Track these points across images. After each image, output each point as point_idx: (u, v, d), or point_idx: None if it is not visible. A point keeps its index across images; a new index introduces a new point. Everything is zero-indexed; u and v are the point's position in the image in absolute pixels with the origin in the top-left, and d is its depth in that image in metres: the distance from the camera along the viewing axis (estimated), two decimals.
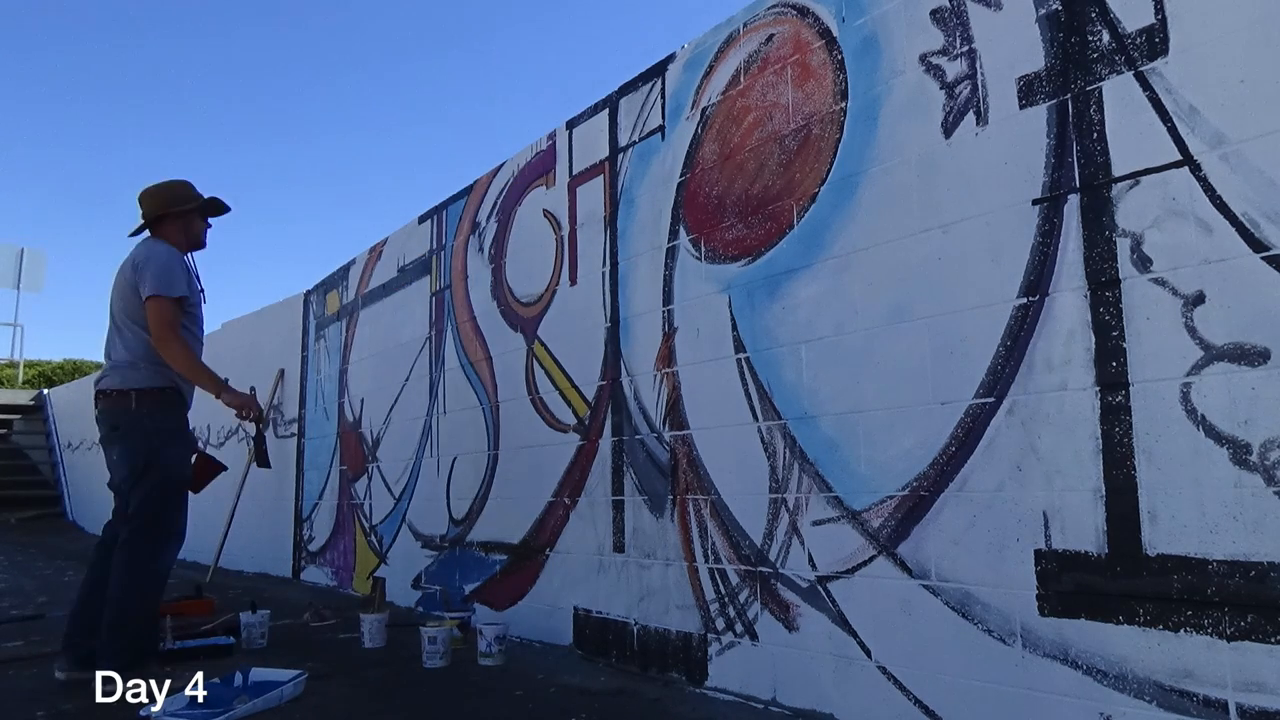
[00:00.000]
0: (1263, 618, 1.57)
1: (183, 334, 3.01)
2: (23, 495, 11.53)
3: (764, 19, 2.72)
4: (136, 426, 2.93)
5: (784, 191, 2.57)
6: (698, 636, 2.70)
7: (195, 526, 7.40)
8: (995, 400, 1.99)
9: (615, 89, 3.34)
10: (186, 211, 3.13)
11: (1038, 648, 1.87)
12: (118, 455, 2.95)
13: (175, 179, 3.19)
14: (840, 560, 2.30)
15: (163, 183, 3.15)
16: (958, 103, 2.13)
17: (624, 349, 3.13)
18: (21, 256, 15.46)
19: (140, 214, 3.13)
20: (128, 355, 2.98)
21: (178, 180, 3.18)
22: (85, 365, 16.00)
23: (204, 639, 3.38)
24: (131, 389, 2.95)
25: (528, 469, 3.59)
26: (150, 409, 2.96)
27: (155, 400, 2.97)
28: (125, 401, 2.95)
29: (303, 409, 5.87)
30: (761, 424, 2.56)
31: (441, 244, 4.46)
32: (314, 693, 2.73)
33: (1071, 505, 1.84)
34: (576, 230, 3.46)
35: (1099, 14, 1.89)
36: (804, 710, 2.35)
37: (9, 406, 13.11)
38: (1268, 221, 1.62)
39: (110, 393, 2.98)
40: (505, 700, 2.63)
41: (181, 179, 3.20)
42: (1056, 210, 1.92)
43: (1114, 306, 1.81)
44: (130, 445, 2.93)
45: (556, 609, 3.34)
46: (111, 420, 2.98)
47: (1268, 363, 1.60)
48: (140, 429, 2.93)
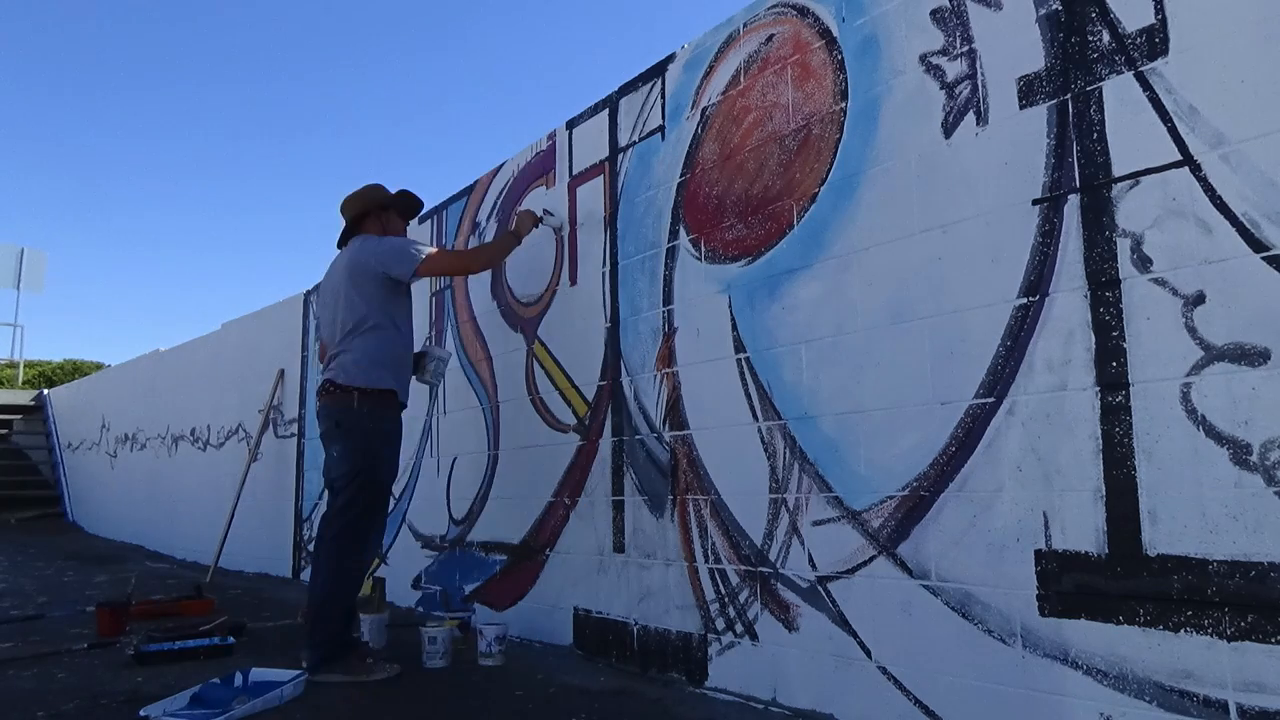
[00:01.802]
0: (1263, 618, 1.56)
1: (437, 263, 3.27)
2: (23, 495, 11.53)
3: (764, 19, 2.72)
4: (357, 426, 3.02)
5: (784, 191, 2.57)
6: (698, 636, 2.70)
7: (195, 526, 7.37)
8: (995, 400, 1.99)
9: (615, 89, 3.34)
10: (385, 209, 3.28)
11: (1038, 648, 1.87)
12: (338, 452, 3.05)
13: (370, 183, 3.34)
14: (840, 560, 2.29)
15: (359, 189, 3.31)
16: (958, 103, 2.13)
17: (624, 349, 3.13)
18: (21, 256, 15.47)
19: (344, 223, 3.29)
20: (356, 356, 3.05)
21: (371, 184, 3.34)
22: (85, 365, 16.01)
23: (204, 639, 3.38)
24: (355, 387, 3.02)
25: (528, 469, 3.59)
26: (373, 408, 3.04)
27: (375, 401, 3.04)
28: (348, 399, 3.02)
29: (303, 409, 5.86)
30: (761, 424, 2.56)
31: (441, 244, 4.45)
32: (314, 693, 2.73)
33: (1072, 505, 1.84)
34: (576, 230, 3.46)
35: (1099, 14, 1.89)
36: (804, 710, 2.35)
37: (9, 406, 13.11)
38: (1268, 221, 1.62)
39: (334, 388, 3.05)
40: (505, 700, 2.63)
41: (374, 183, 3.35)
42: (1056, 210, 1.92)
43: (1114, 306, 1.81)
44: (350, 444, 3.01)
45: (556, 609, 3.34)
46: (335, 416, 3.05)
47: (1268, 363, 1.60)
48: (361, 429, 3.02)
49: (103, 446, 10.12)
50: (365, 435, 3.02)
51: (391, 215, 3.30)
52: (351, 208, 3.27)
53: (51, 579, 5.88)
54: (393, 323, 3.12)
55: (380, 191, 3.31)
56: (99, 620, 3.80)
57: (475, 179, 4.23)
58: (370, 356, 3.04)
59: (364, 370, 3.03)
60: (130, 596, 4.08)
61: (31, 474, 12.37)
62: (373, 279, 3.07)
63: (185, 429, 7.74)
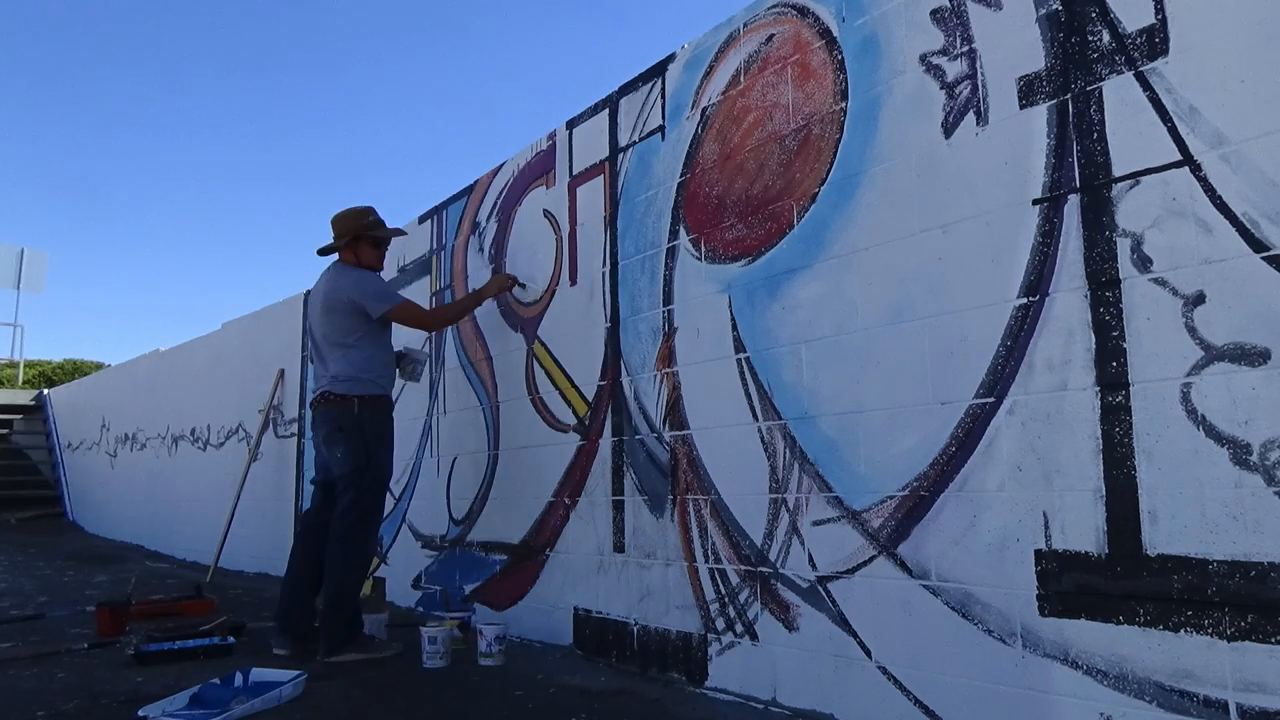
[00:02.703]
0: (1263, 618, 1.56)
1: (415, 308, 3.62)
2: (23, 495, 11.53)
3: (764, 19, 2.72)
4: (358, 429, 3.35)
5: (784, 191, 2.57)
6: (698, 636, 2.70)
7: (195, 526, 7.37)
8: (995, 400, 1.99)
9: (615, 89, 3.34)
10: (359, 240, 3.55)
11: (1038, 648, 1.87)
12: (341, 454, 3.36)
13: (362, 205, 3.63)
14: (840, 560, 2.29)
15: (351, 211, 3.58)
16: (958, 103, 2.13)
17: (624, 349, 3.13)
18: (22, 257, 15.44)
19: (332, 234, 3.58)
20: (349, 369, 3.38)
21: (365, 206, 3.62)
22: (85, 365, 16.00)
23: (204, 639, 3.38)
24: (355, 395, 3.36)
25: (528, 469, 3.59)
26: (370, 414, 3.39)
27: (374, 407, 3.42)
28: (349, 406, 3.36)
29: (302, 409, 5.86)
30: (761, 424, 2.56)
31: (441, 244, 4.46)
32: (314, 693, 2.73)
33: (1072, 505, 1.84)
34: (576, 230, 3.46)
35: (1099, 14, 1.89)
36: (804, 710, 2.35)
37: (9, 406, 13.10)
38: (1268, 221, 1.62)
39: (333, 397, 3.37)
40: (505, 700, 2.63)
41: (367, 205, 3.64)
42: (1057, 210, 1.92)
43: (1114, 306, 1.81)
44: (353, 445, 3.33)
45: (556, 609, 3.34)
46: (337, 422, 3.37)
47: (1268, 363, 1.60)
48: (362, 432, 3.35)
49: (103, 446, 10.12)
50: (365, 437, 3.36)
51: (365, 245, 3.57)
52: (337, 229, 3.57)
53: (51, 579, 5.88)
54: (372, 340, 3.46)
55: (363, 220, 3.57)
56: (99, 620, 3.80)
57: (475, 179, 4.23)
58: (358, 368, 3.39)
59: (358, 381, 3.38)
60: (130, 596, 4.08)
61: (31, 474, 12.36)
62: (349, 309, 3.41)
63: (185, 429, 7.74)
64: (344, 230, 3.54)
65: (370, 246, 3.59)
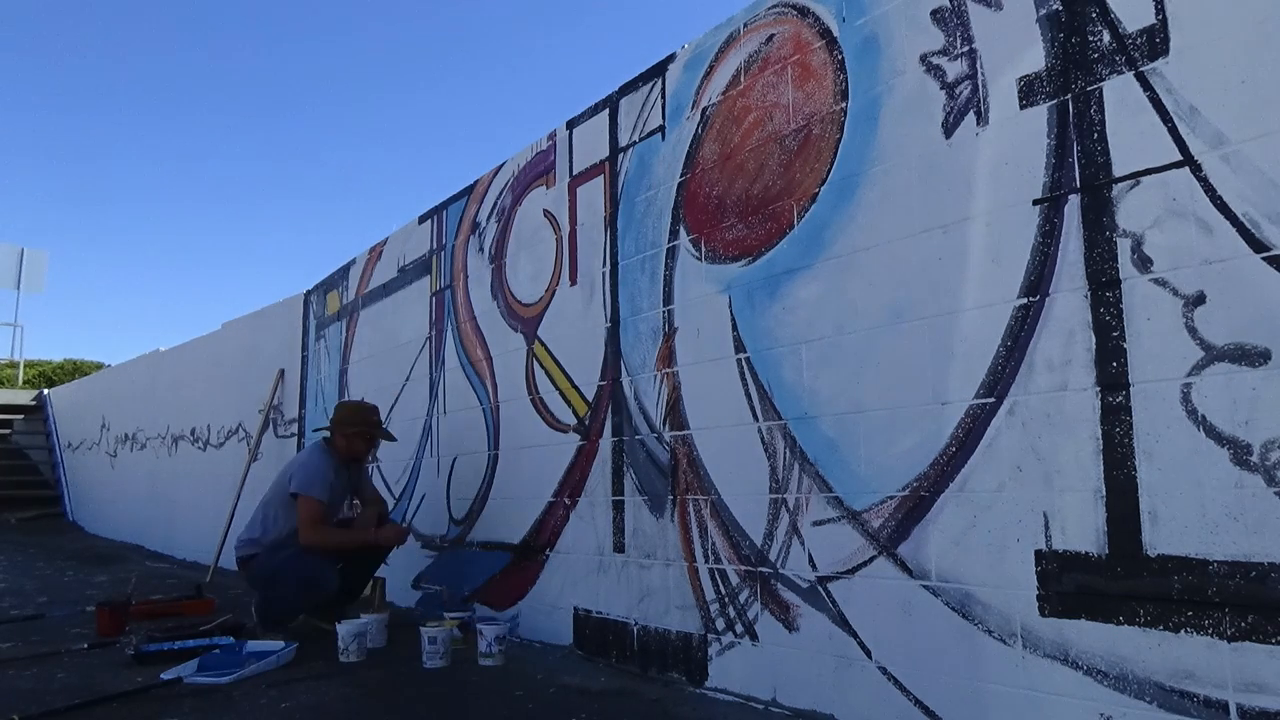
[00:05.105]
0: (1263, 618, 1.56)
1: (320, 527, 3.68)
2: (23, 495, 11.51)
3: (764, 19, 2.72)
4: None
5: (784, 191, 2.57)
6: (698, 637, 2.70)
7: (195, 526, 7.35)
8: (995, 400, 1.99)
9: (615, 89, 3.34)
10: (352, 433, 3.89)
11: (1038, 648, 1.87)
12: None
13: (365, 404, 4.15)
14: (840, 560, 2.29)
15: (359, 407, 4.07)
16: (958, 103, 2.13)
17: (624, 349, 3.13)
18: (22, 257, 15.45)
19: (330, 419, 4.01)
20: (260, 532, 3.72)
21: (367, 406, 4.10)
22: (85, 365, 16.00)
23: (204, 639, 3.38)
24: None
25: (528, 469, 3.59)
26: None
27: None
28: None
29: (303, 409, 5.86)
30: (761, 424, 2.55)
31: (442, 244, 4.46)
32: (313, 693, 2.73)
33: (1072, 505, 1.84)
34: (576, 230, 3.46)
35: (1099, 14, 1.89)
36: (804, 710, 2.35)
37: (9, 406, 13.09)
38: (1268, 221, 1.62)
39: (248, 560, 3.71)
40: (505, 700, 2.63)
41: (372, 405, 4.14)
42: (1057, 210, 1.92)
43: (1114, 307, 1.81)
44: None
45: (556, 609, 3.34)
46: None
47: (1268, 363, 1.60)
48: None
49: (103, 446, 10.12)
50: None
51: (356, 438, 3.89)
52: (339, 414, 3.97)
53: (51, 579, 5.88)
54: None
55: (362, 417, 3.96)
56: (99, 620, 3.80)
57: (475, 179, 4.23)
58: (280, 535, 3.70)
59: None
60: (130, 596, 4.08)
61: (31, 474, 12.36)
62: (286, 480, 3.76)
63: (185, 429, 7.74)
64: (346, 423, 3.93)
65: (360, 439, 3.95)
